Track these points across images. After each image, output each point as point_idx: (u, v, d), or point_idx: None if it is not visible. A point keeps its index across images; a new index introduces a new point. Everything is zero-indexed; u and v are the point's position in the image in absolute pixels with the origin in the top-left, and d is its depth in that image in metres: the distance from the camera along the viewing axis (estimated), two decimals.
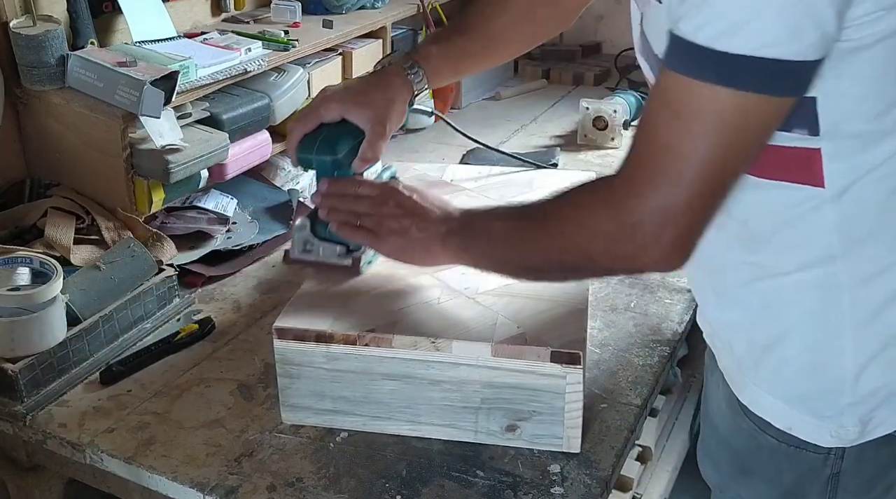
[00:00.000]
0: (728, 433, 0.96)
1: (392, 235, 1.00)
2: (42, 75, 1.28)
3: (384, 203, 1.02)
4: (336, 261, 1.09)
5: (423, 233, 0.98)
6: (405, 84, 1.10)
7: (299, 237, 1.11)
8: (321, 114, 1.07)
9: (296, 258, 1.12)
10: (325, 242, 1.09)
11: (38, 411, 1.07)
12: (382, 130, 1.07)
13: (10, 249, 1.16)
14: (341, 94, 1.07)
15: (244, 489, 0.95)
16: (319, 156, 1.06)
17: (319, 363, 0.99)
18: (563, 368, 0.94)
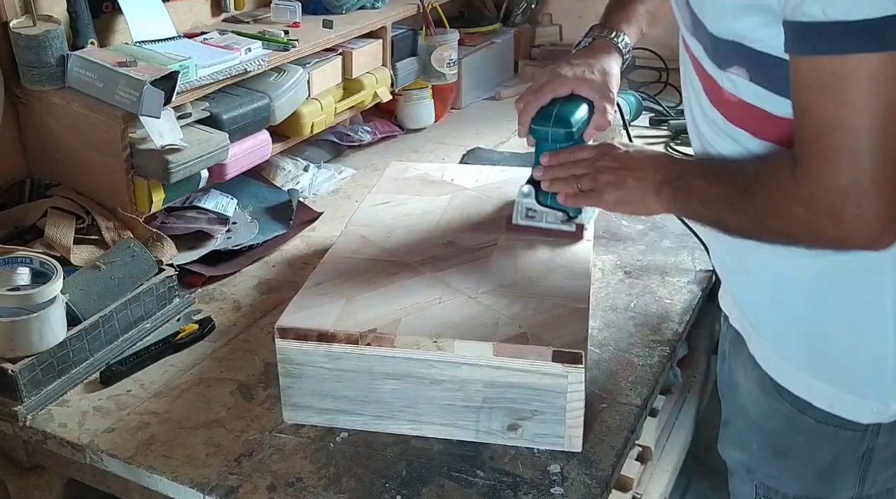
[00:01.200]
0: (760, 416, 0.97)
1: (609, 187, 1.04)
2: (42, 75, 1.28)
3: (600, 159, 1.06)
4: (560, 227, 1.19)
5: (639, 182, 1.00)
6: (616, 52, 1.19)
7: (523, 204, 1.20)
8: (555, 89, 1.15)
9: (519, 224, 1.20)
10: (549, 208, 1.19)
11: (38, 410, 1.07)
12: (609, 99, 1.16)
13: (10, 249, 1.16)
14: (568, 71, 1.16)
15: (244, 489, 0.95)
16: (556, 128, 1.14)
17: (321, 363, 0.99)
18: (564, 367, 0.94)
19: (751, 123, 0.86)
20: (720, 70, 0.85)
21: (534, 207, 1.19)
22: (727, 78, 0.84)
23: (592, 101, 1.16)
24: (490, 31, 2.25)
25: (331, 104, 1.69)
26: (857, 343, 0.87)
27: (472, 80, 2.17)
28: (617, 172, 1.03)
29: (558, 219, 1.19)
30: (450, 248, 1.17)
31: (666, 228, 1.52)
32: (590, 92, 1.15)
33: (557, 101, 1.15)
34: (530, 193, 1.19)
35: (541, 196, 1.19)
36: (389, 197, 1.32)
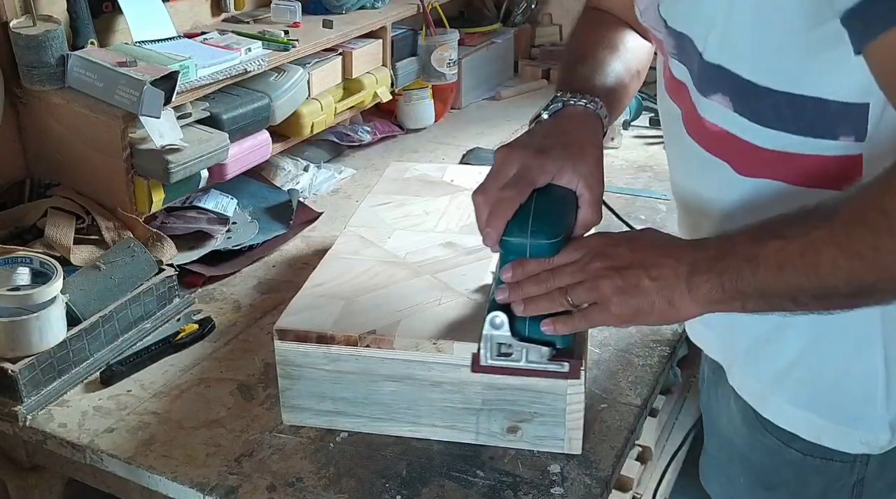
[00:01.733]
0: (746, 449, 0.93)
1: (619, 296, 0.78)
2: (42, 75, 1.28)
3: (592, 262, 0.81)
4: (546, 367, 0.91)
5: (659, 281, 0.76)
6: (597, 122, 0.92)
7: (493, 339, 0.90)
8: (535, 179, 0.85)
9: (490, 366, 0.93)
10: (529, 342, 0.89)
11: (38, 410, 1.07)
12: (599, 187, 0.88)
13: (10, 249, 1.16)
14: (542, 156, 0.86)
15: (244, 489, 0.95)
16: (536, 239, 0.85)
17: (320, 364, 0.99)
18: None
19: (731, 155, 0.79)
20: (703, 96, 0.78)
21: (509, 342, 0.89)
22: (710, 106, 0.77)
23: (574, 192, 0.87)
24: (490, 31, 2.26)
25: (331, 104, 1.69)
26: (846, 374, 0.83)
27: (472, 80, 2.17)
28: (622, 272, 0.78)
29: (543, 356, 0.90)
30: (450, 249, 1.17)
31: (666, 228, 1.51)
32: (572, 179, 0.86)
33: (531, 198, 0.86)
34: (503, 325, 0.88)
35: (517, 323, 0.88)
36: (389, 198, 1.32)
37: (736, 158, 0.79)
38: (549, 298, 0.82)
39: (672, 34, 0.79)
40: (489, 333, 0.89)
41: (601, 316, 0.81)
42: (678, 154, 0.89)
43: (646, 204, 1.62)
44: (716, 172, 0.82)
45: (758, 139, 0.76)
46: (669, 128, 0.90)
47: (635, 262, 0.79)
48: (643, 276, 0.77)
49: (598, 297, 0.79)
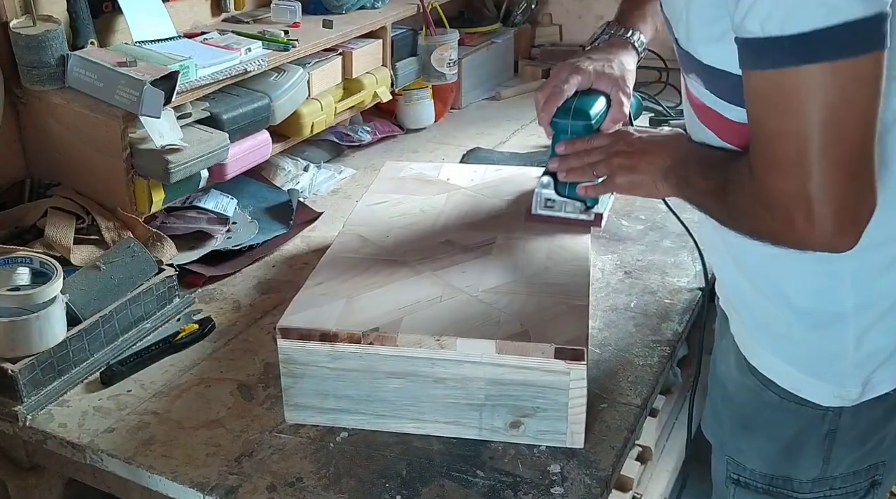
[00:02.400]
0: (734, 391, 1.01)
1: (622, 171, 1.08)
2: (42, 75, 1.28)
3: (615, 145, 1.11)
4: (579, 216, 1.23)
5: (650, 165, 1.04)
6: (632, 49, 1.24)
7: (542, 195, 1.23)
8: (577, 82, 1.18)
9: (538, 214, 1.24)
10: (567, 198, 1.22)
11: (38, 411, 1.07)
12: (626, 93, 1.20)
13: (10, 249, 1.16)
14: (588, 64, 1.19)
15: (244, 489, 0.95)
16: (575, 120, 1.17)
17: (323, 362, 0.99)
18: (567, 364, 0.95)
19: (713, 125, 0.91)
20: (686, 74, 0.91)
21: (552, 197, 1.22)
22: (692, 83, 0.90)
23: (609, 95, 1.20)
24: (490, 31, 2.26)
25: (331, 104, 1.69)
26: (819, 330, 0.90)
27: (472, 80, 2.17)
28: (630, 155, 1.07)
29: (577, 208, 1.22)
30: (448, 246, 1.17)
31: (666, 228, 1.52)
32: (607, 86, 1.19)
33: (576, 95, 1.19)
34: (549, 184, 1.22)
35: (559, 186, 1.22)
36: (386, 196, 1.32)
37: (716, 128, 0.91)
38: (582, 170, 1.17)
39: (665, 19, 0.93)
40: (539, 190, 1.23)
41: (609, 185, 1.13)
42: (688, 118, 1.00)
43: (646, 204, 1.61)
44: (707, 138, 0.94)
45: (728, 113, 0.87)
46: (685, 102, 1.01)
47: (640, 149, 1.07)
48: (641, 160, 1.06)
49: (610, 170, 1.11)
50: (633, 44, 1.24)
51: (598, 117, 1.18)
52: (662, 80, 2.23)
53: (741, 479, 1.03)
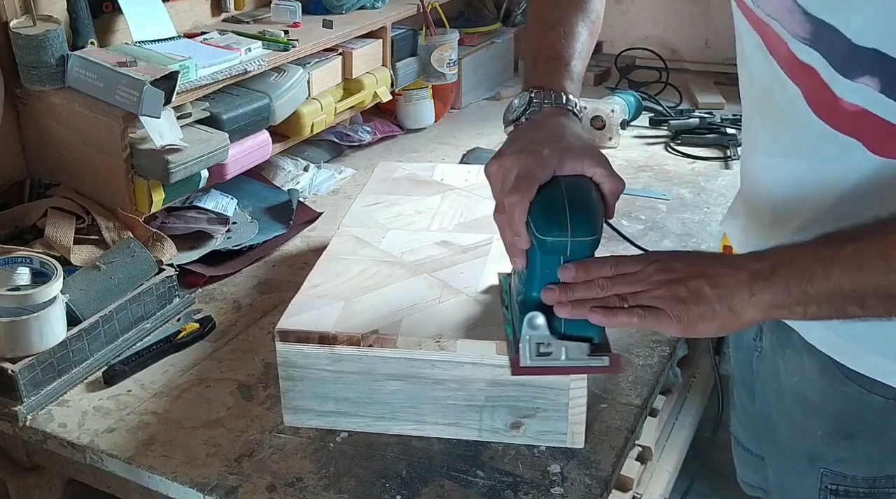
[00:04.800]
0: (824, 400, 0.95)
1: (681, 305, 0.81)
2: (42, 75, 1.28)
3: (655, 274, 0.83)
4: (589, 363, 0.90)
5: (719, 289, 0.80)
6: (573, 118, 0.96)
7: (530, 339, 0.89)
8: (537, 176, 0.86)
9: (529, 367, 0.90)
10: (567, 339, 0.89)
11: (38, 410, 1.07)
12: (605, 158, 0.90)
13: (10, 249, 1.16)
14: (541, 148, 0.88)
15: (244, 489, 0.95)
16: (577, 237, 0.84)
17: (322, 365, 0.99)
18: None
19: (867, 135, 0.80)
20: (846, 79, 0.78)
21: (547, 341, 0.89)
22: (852, 88, 0.78)
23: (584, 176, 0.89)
24: (490, 31, 2.26)
25: (331, 104, 1.69)
26: None
27: (472, 80, 2.17)
28: (685, 283, 0.81)
29: (583, 351, 0.90)
30: (445, 247, 1.17)
31: (666, 228, 1.52)
32: (578, 165, 0.88)
33: (557, 195, 0.86)
34: (537, 325, 0.88)
35: (556, 322, 0.88)
36: (380, 198, 1.32)
37: (871, 138, 0.80)
38: (604, 301, 0.84)
39: (810, 20, 0.79)
40: (528, 333, 0.89)
41: (664, 322, 0.82)
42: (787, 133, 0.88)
43: (646, 204, 1.62)
44: (845, 151, 0.82)
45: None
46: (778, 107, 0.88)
47: (695, 273, 0.82)
48: (704, 284, 0.80)
49: (662, 304, 0.82)
50: (573, 111, 0.96)
51: (602, 220, 0.88)
52: (662, 80, 2.23)
53: (840, 488, 0.97)
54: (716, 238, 1.48)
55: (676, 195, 1.66)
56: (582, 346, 0.89)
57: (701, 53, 2.37)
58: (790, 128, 0.88)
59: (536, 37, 1.04)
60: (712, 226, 1.53)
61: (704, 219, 1.56)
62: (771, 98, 0.89)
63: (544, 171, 0.87)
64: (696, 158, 1.84)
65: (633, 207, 1.60)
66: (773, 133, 0.92)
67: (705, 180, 1.74)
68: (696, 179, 1.74)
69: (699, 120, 1.96)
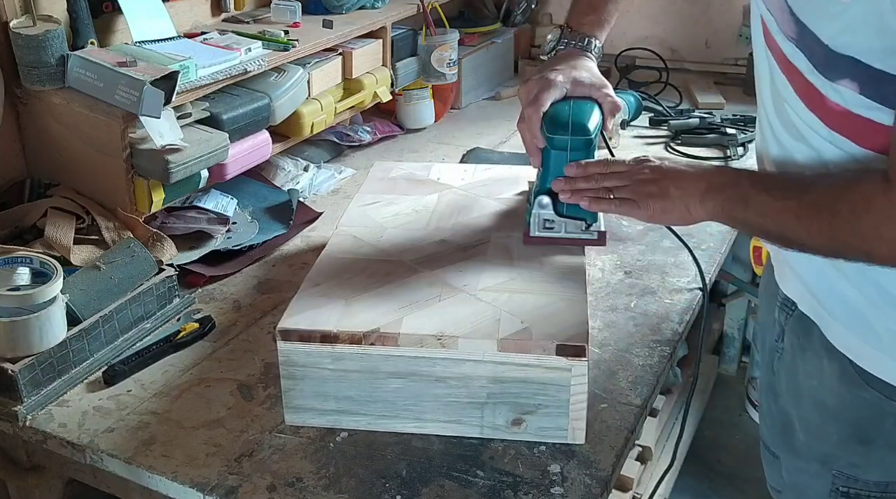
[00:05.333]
0: (841, 406, 0.96)
1: (650, 199, 1.03)
2: (42, 75, 1.28)
3: (638, 172, 1.05)
4: (581, 236, 1.17)
5: (681, 191, 1.00)
6: (591, 59, 1.23)
7: (539, 215, 1.16)
8: (552, 94, 1.14)
9: (537, 236, 1.17)
10: (568, 218, 1.15)
11: (38, 411, 1.07)
12: (607, 86, 1.17)
13: (10, 249, 1.16)
14: (556, 75, 1.15)
15: (244, 489, 0.95)
16: (576, 136, 1.12)
17: (324, 364, 0.99)
18: (568, 360, 0.95)
19: (853, 131, 0.85)
20: (828, 81, 0.83)
21: (552, 218, 1.16)
22: (834, 89, 0.83)
23: (597, 101, 1.17)
24: (490, 31, 2.26)
25: (331, 104, 1.69)
26: None
27: (472, 80, 2.17)
28: (657, 182, 1.03)
29: (578, 228, 1.16)
30: (444, 246, 1.17)
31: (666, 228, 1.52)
32: (586, 89, 1.16)
33: (565, 107, 1.14)
34: (546, 204, 1.15)
35: (559, 205, 1.16)
36: (377, 197, 1.32)
37: (857, 134, 0.85)
38: (595, 191, 1.10)
39: (796, 22, 0.84)
40: (537, 211, 1.16)
41: (635, 210, 1.05)
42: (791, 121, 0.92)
43: None
44: (836, 144, 0.87)
45: (883, 118, 0.81)
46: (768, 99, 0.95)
47: (667, 175, 1.03)
48: (671, 185, 1.01)
49: (637, 197, 1.05)
50: (591, 53, 1.23)
51: (597, 129, 1.14)
52: (662, 80, 2.23)
53: (852, 491, 0.99)
54: (716, 238, 1.48)
55: None
56: (578, 223, 1.16)
57: (701, 53, 2.37)
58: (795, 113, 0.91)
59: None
60: (712, 226, 1.53)
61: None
62: (775, 86, 0.93)
63: (556, 91, 1.15)
64: (696, 158, 1.84)
65: None
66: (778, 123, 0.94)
67: None
68: None
69: (699, 120, 1.96)
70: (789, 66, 0.88)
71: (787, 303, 1.04)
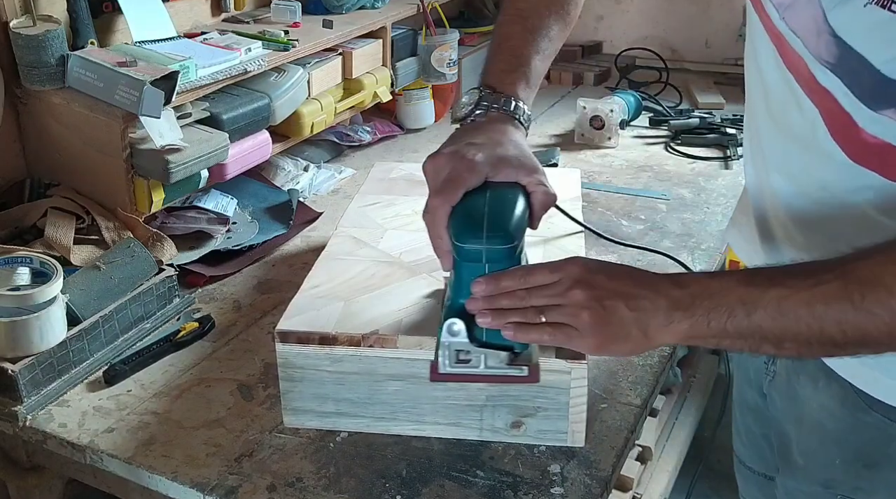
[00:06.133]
0: (843, 430, 0.92)
1: (596, 325, 0.80)
2: (42, 75, 1.28)
3: (572, 288, 0.81)
4: (507, 372, 0.90)
5: (636, 312, 0.79)
6: (519, 126, 0.97)
7: (449, 346, 0.89)
8: (465, 180, 0.87)
9: (447, 374, 0.91)
10: (488, 348, 0.89)
11: (38, 411, 1.07)
12: (540, 171, 0.91)
13: (10, 249, 1.16)
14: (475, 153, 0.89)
15: (244, 489, 0.95)
16: (492, 244, 0.84)
17: (323, 366, 0.99)
18: (568, 363, 0.95)
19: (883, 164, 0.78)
20: (869, 110, 0.75)
21: (467, 349, 0.89)
22: (875, 119, 0.75)
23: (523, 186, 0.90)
24: (490, 31, 2.25)
25: (331, 104, 1.69)
26: None
27: (472, 80, 2.13)
28: (602, 301, 0.80)
29: (502, 360, 0.89)
30: None
31: (666, 228, 1.52)
32: (511, 173, 0.89)
33: (481, 201, 0.86)
34: (457, 332, 0.88)
35: (477, 331, 0.88)
36: (377, 198, 1.32)
37: (891, 169, 0.78)
38: (522, 313, 0.83)
39: (839, 45, 0.76)
40: (447, 340, 0.89)
41: (576, 341, 0.82)
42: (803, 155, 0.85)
43: (646, 204, 1.62)
44: (859, 178, 0.80)
45: None
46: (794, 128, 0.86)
47: (614, 292, 0.80)
48: (622, 305, 0.79)
49: (577, 323, 0.80)
50: (519, 119, 0.97)
51: (521, 229, 0.87)
52: (662, 80, 2.23)
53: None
54: (715, 238, 1.48)
55: (676, 195, 1.66)
56: (501, 355, 0.89)
57: (701, 53, 2.37)
58: (806, 150, 0.84)
59: (504, 24, 1.03)
60: (712, 226, 1.53)
61: (704, 219, 1.56)
62: (787, 116, 0.86)
63: (473, 176, 0.87)
64: (696, 158, 1.84)
65: (633, 207, 1.60)
66: (785, 151, 0.88)
67: (705, 180, 1.74)
68: (696, 179, 1.74)
69: (699, 120, 1.96)
70: (821, 93, 0.79)
71: None
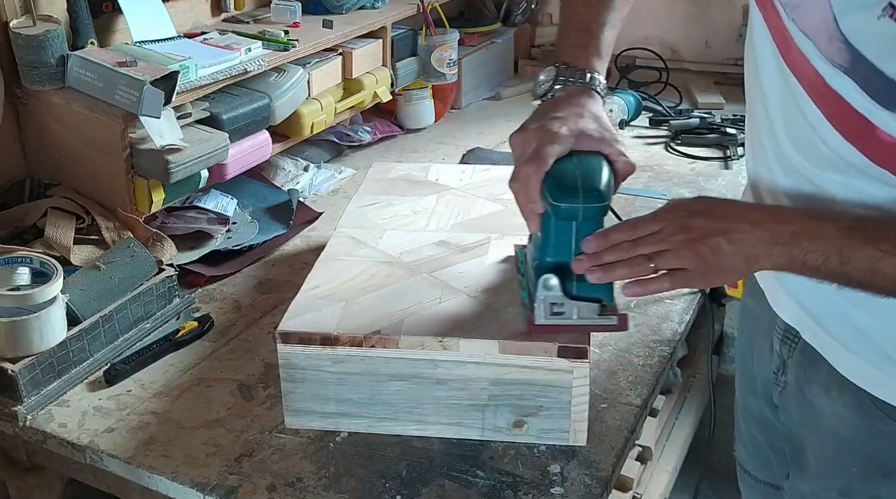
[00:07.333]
0: (858, 438, 0.92)
1: (703, 263, 0.83)
2: (42, 75, 1.28)
3: (675, 234, 0.85)
4: (598, 322, 0.96)
5: (737, 244, 0.82)
6: (596, 97, 1.00)
7: (544, 300, 0.94)
8: (555, 150, 0.92)
9: (544, 325, 0.96)
10: (581, 300, 0.95)
11: (38, 411, 1.07)
12: (618, 141, 0.96)
13: (10, 249, 1.16)
14: (559, 126, 0.94)
15: (244, 489, 0.95)
16: (588, 203, 0.90)
17: (324, 366, 0.99)
18: (570, 362, 0.95)
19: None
20: (886, 110, 0.75)
21: (560, 301, 0.95)
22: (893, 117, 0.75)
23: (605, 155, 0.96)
24: (490, 31, 2.26)
25: (331, 104, 1.69)
26: None
27: (472, 80, 2.17)
28: (705, 241, 0.83)
29: (593, 311, 0.96)
30: (443, 247, 1.17)
31: None
32: (594, 144, 0.95)
33: (572, 166, 0.93)
34: (555, 286, 0.94)
35: (568, 284, 0.94)
36: (376, 198, 1.32)
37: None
38: (630, 264, 0.87)
39: (850, 51, 0.76)
40: (543, 294, 0.94)
41: (691, 281, 0.86)
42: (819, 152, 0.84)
43: (646, 204, 1.62)
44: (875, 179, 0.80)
45: None
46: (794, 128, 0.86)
47: (715, 230, 0.83)
48: (723, 241, 0.83)
49: (686, 264, 0.84)
50: (596, 90, 1.00)
51: (611, 190, 0.93)
52: (662, 80, 2.23)
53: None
54: None
55: (676, 195, 1.66)
56: (592, 306, 0.95)
57: (701, 53, 2.37)
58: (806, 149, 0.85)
59: (568, 2, 1.07)
60: None
61: None
62: (786, 116, 0.87)
63: (561, 146, 0.93)
64: (696, 158, 1.84)
65: (633, 207, 1.60)
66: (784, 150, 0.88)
67: (705, 180, 1.74)
68: (696, 179, 1.74)
69: (699, 120, 1.96)
70: (830, 95, 0.79)
71: (788, 334, 0.97)
